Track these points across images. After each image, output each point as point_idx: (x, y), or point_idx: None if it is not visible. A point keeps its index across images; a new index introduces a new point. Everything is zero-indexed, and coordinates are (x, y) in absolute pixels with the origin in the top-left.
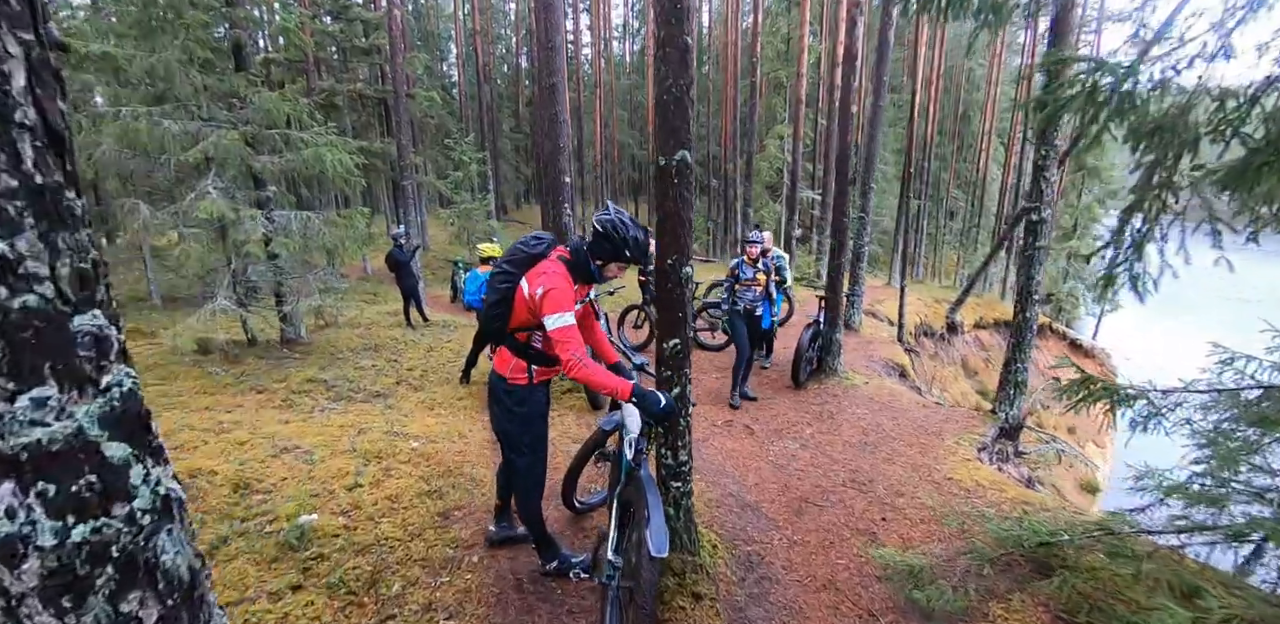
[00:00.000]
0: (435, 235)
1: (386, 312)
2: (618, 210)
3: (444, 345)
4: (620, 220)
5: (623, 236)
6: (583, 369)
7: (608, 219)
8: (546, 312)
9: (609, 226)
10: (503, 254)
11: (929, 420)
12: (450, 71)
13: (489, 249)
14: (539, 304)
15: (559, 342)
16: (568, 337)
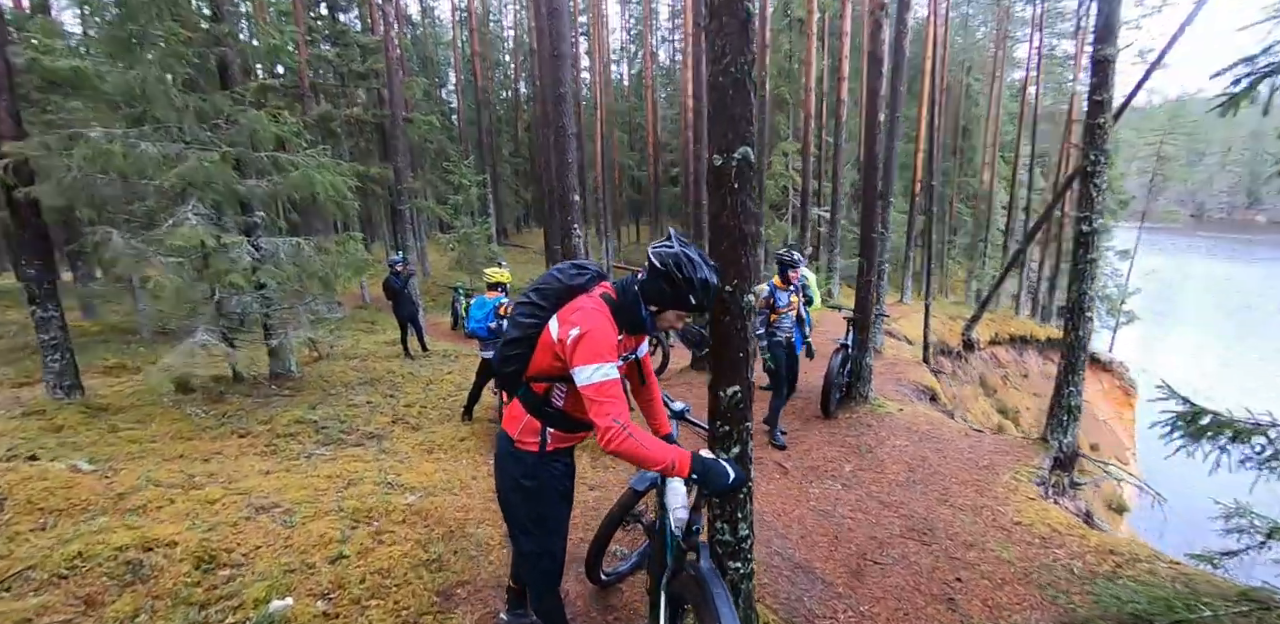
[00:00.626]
0: (435, 261)
1: (384, 341)
2: (683, 240)
3: (444, 378)
4: (687, 256)
5: (688, 277)
6: (627, 441)
7: (670, 253)
8: (579, 361)
9: (671, 264)
10: (532, 281)
11: (977, 451)
12: (449, 98)
13: (497, 274)
14: (570, 350)
15: (594, 402)
16: (607, 395)
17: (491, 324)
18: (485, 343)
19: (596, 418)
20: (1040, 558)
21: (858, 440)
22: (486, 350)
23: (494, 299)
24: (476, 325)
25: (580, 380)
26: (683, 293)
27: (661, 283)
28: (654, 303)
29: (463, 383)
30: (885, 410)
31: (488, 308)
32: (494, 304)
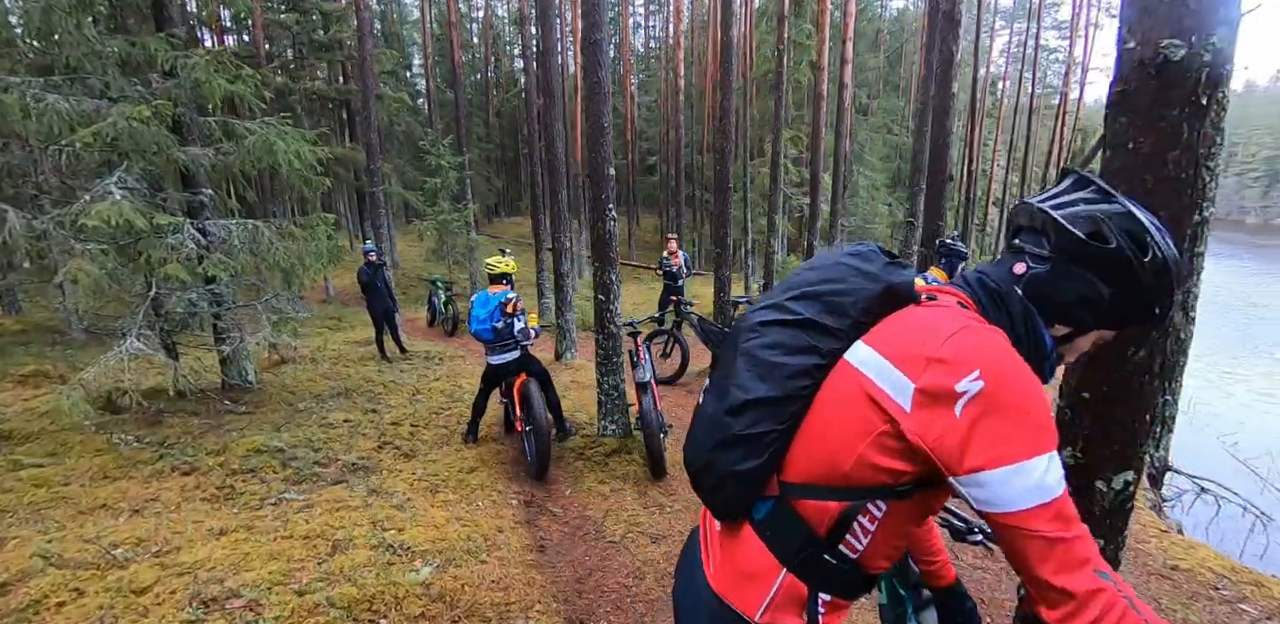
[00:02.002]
0: (403, 251)
1: (355, 341)
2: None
3: (431, 386)
4: (1152, 223)
5: (1162, 264)
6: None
7: (1121, 217)
8: (996, 452)
9: (1127, 239)
10: (784, 280)
11: None
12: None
13: (502, 264)
14: (963, 427)
15: (1046, 540)
16: (1068, 522)
17: (497, 324)
18: (491, 346)
19: (1058, 574)
20: (1232, 620)
21: None
22: (494, 355)
23: (498, 294)
24: (480, 327)
25: (1002, 497)
26: (1148, 294)
27: (1095, 278)
28: (1070, 318)
29: (454, 392)
30: None
31: (492, 305)
32: (498, 300)
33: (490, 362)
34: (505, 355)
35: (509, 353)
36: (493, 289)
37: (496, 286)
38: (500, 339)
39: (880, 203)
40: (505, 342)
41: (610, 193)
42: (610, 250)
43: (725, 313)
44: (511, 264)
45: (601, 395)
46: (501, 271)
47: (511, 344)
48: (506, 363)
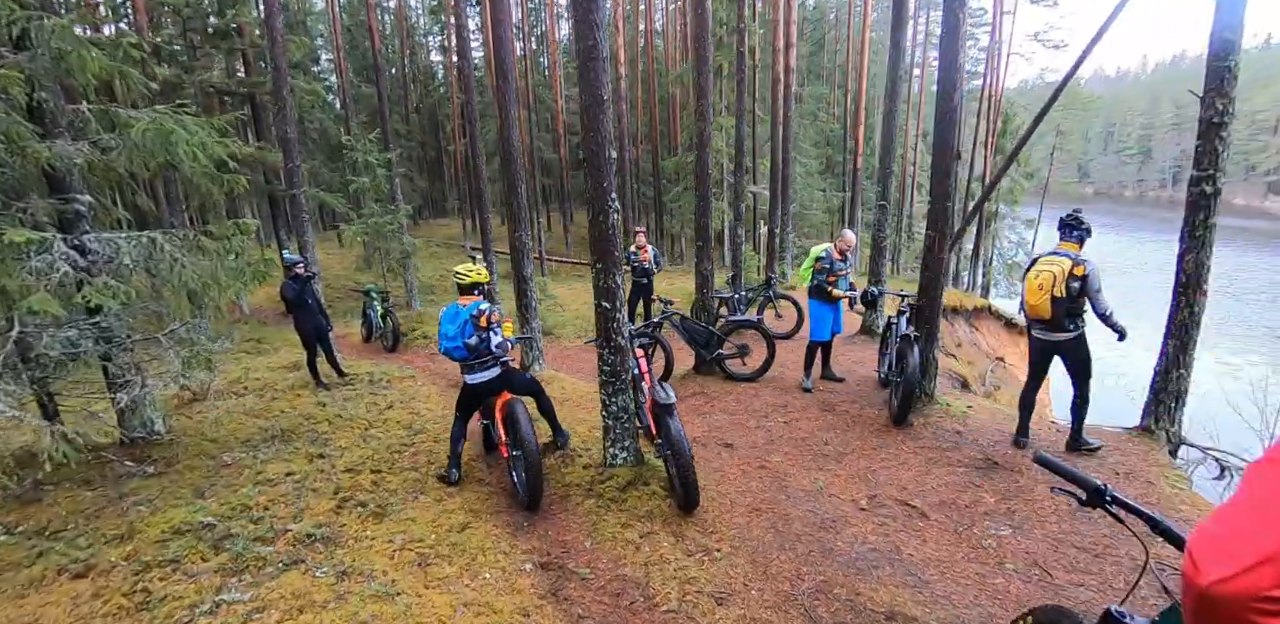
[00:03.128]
0: (324, 261)
1: (282, 366)
2: None
3: (385, 415)
4: None
5: None
6: None
7: None
8: None
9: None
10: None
11: (1099, 457)
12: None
13: (473, 272)
14: None
15: None
16: None
17: (471, 340)
18: (467, 365)
19: None
20: None
21: (970, 459)
22: (471, 374)
23: (470, 306)
24: (450, 344)
25: None
26: None
27: None
28: None
29: (414, 422)
30: (957, 410)
31: (462, 318)
32: (469, 313)
33: (467, 381)
34: (484, 374)
35: (487, 371)
36: (463, 301)
37: (467, 298)
38: (476, 356)
39: (815, 189)
40: (483, 358)
41: (611, 180)
42: (614, 248)
43: (709, 310)
44: (483, 273)
45: (609, 419)
46: (473, 281)
47: (490, 360)
48: (487, 381)
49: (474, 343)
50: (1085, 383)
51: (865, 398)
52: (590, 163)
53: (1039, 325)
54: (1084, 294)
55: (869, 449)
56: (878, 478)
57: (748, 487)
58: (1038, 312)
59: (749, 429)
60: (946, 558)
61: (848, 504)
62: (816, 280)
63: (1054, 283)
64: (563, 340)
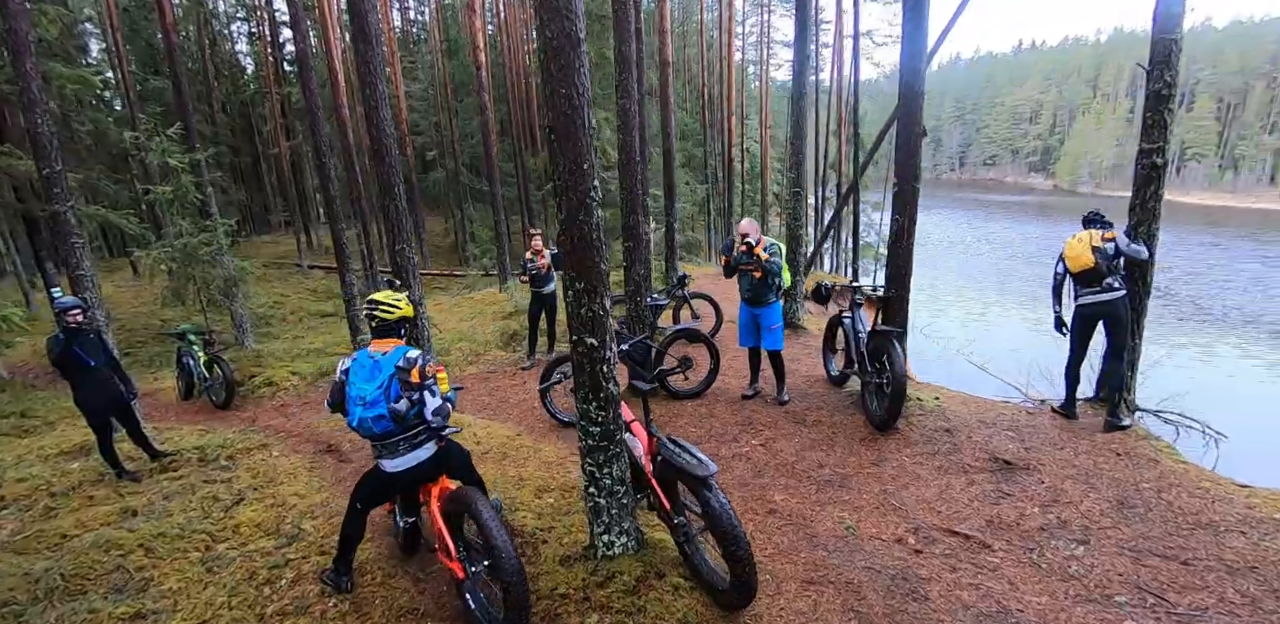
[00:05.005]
0: (113, 297)
1: (62, 451)
2: None
3: (233, 515)
4: None
5: None
6: None
7: None
8: None
9: None
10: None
11: (1086, 440)
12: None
13: (401, 304)
14: None
15: None
16: None
17: (399, 405)
18: (386, 444)
19: None
20: None
21: (979, 462)
22: (393, 457)
23: (393, 354)
24: (367, 414)
25: None
26: None
27: None
28: None
29: (281, 522)
30: (929, 404)
31: (385, 373)
32: (393, 364)
33: (386, 469)
34: (414, 455)
35: (418, 450)
36: (378, 346)
37: (385, 342)
38: (405, 429)
39: (681, 182)
40: (413, 433)
41: (590, 153)
42: (598, 258)
43: (644, 321)
44: (408, 304)
45: (599, 496)
46: (400, 316)
47: (423, 434)
48: (418, 466)
49: (403, 409)
50: (1122, 355)
51: (829, 402)
52: (557, 130)
53: (1086, 285)
54: (1119, 255)
55: (869, 465)
56: (902, 502)
57: (773, 545)
58: (1080, 261)
59: (726, 460)
60: (1055, 606)
61: (897, 547)
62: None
63: (1091, 238)
64: (451, 369)
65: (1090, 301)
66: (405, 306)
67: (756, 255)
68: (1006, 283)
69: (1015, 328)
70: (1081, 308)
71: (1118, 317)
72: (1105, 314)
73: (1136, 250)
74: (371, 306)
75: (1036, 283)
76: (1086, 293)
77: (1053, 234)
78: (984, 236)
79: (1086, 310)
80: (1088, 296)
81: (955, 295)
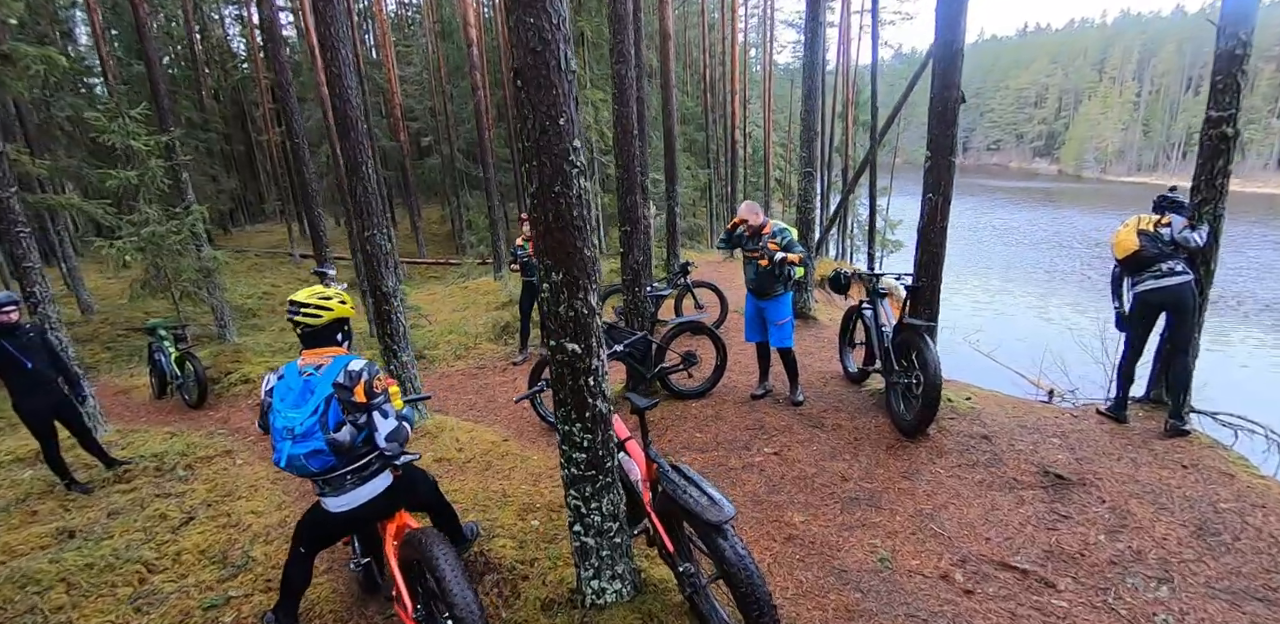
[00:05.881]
0: (99, 289)
1: (15, 458)
2: None
3: (177, 539)
4: None
5: None
6: None
7: None
8: None
9: None
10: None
11: (1148, 447)
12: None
13: (333, 303)
14: None
15: None
16: None
17: (341, 435)
18: (332, 481)
19: None
20: None
21: (1027, 476)
22: (336, 494)
23: (330, 368)
24: (298, 449)
25: None
26: None
27: None
28: None
29: (230, 548)
30: (960, 406)
31: (318, 395)
32: (330, 381)
33: (330, 509)
34: (363, 491)
35: (368, 483)
36: (310, 358)
37: (321, 352)
38: (348, 463)
39: (683, 167)
40: (361, 465)
41: (572, 109)
42: (581, 242)
43: (642, 312)
44: (347, 302)
45: (586, 536)
46: (334, 318)
47: (374, 466)
48: (368, 504)
49: (346, 439)
50: (1187, 349)
51: (849, 403)
52: (525, 75)
53: (1138, 271)
54: (1174, 242)
55: (900, 479)
56: (943, 527)
57: (795, 582)
58: (1124, 246)
59: (736, 472)
60: None
61: (943, 586)
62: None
63: (1138, 223)
64: (439, 364)
65: (1151, 287)
66: (338, 306)
67: (767, 247)
68: (1013, 270)
69: (1024, 316)
70: (1142, 295)
71: (1183, 305)
72: (1169, 302)
73: (1186, 237)
74: (293, 309)
75: (1044, 270)
76: (1145, 278)
77: (1060, 221)
78: (989, 223)
79: (1149, 297)
80: (1148, 282)
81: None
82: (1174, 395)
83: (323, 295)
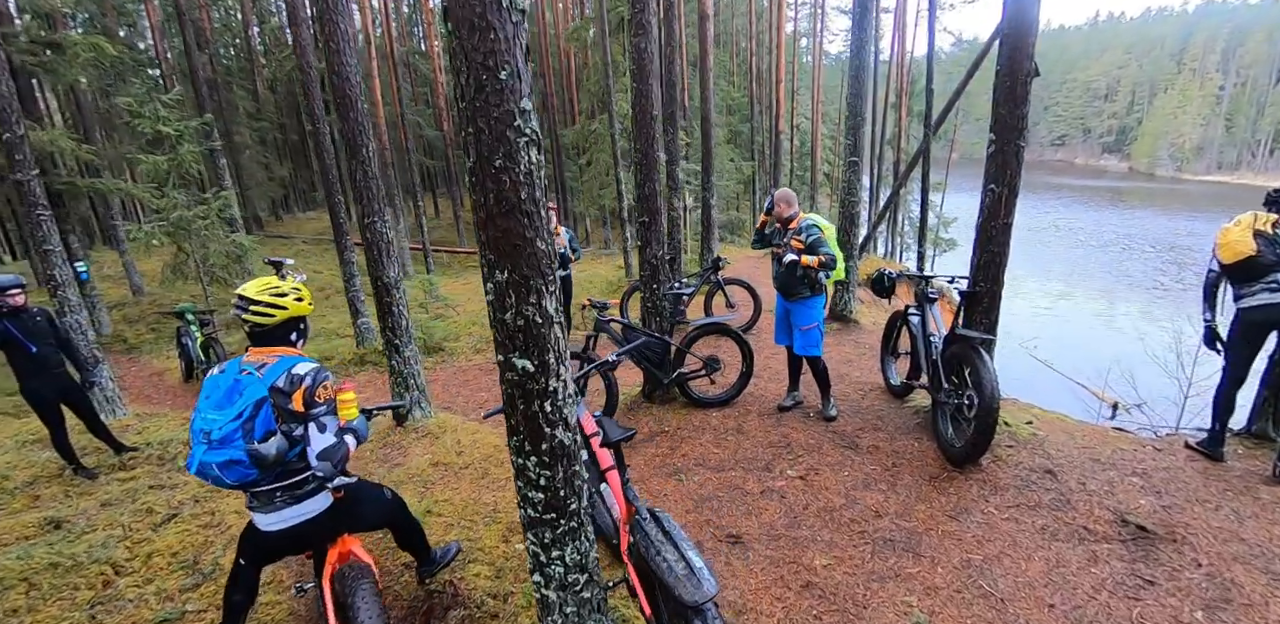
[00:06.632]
0: (150, 272)
1: (37, 438)
2: None
3: (154, 538)
4: None
5: None
6: None
7: None
8: None
9: None
10: None
11: (1250, 495)
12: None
13: (287, 299)
14: None
15: None
16: None
17: (266, 447)
18: (261, 495)
19: None
20: None
21: (1100, 523)
22: (267, 510)
23: (273, 367)
24: (214, 456)
25: None
26: None
27: None
28: None
29: (204, 551)
30: (1020, 430)
31: (248, 397)
32: (266, 385)
33: (258, 525)
34: (297, 511)
35: (305, 503)
36: (255, 356)
37: (267, 351)
38: (276, 478)
39: (725, 159)
40: (293, 482)
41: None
42: (532, 234)
43: (660, 312)
44: (302, 296)
45: (548, 588)
46: (289, 316)
47: (310, 485)
48: (304, 525)
49: (270, 453)
50: None
51: (889, 421)
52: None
53: (1247, 282)
54: None
55: (944, 519)
56: (995, 585)
57: None
58: (1235, 249)
59: (754, 498)
60: None
61: None
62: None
63: (1254, 221)
64: (458, 357)
65: (1265, 303)
66: (293, 303)
67: (790, 245)
68: (1077, 274)
69: (1089, 324)
70: (1247, 312)
71: None
72: None
73: None
74: (240, 306)
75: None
76: (1257, 290)
77: (1131, 222)
78: (1053, 222)
79: (1258, 315)
80: (1261, 295)
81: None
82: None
83: (276, 291)
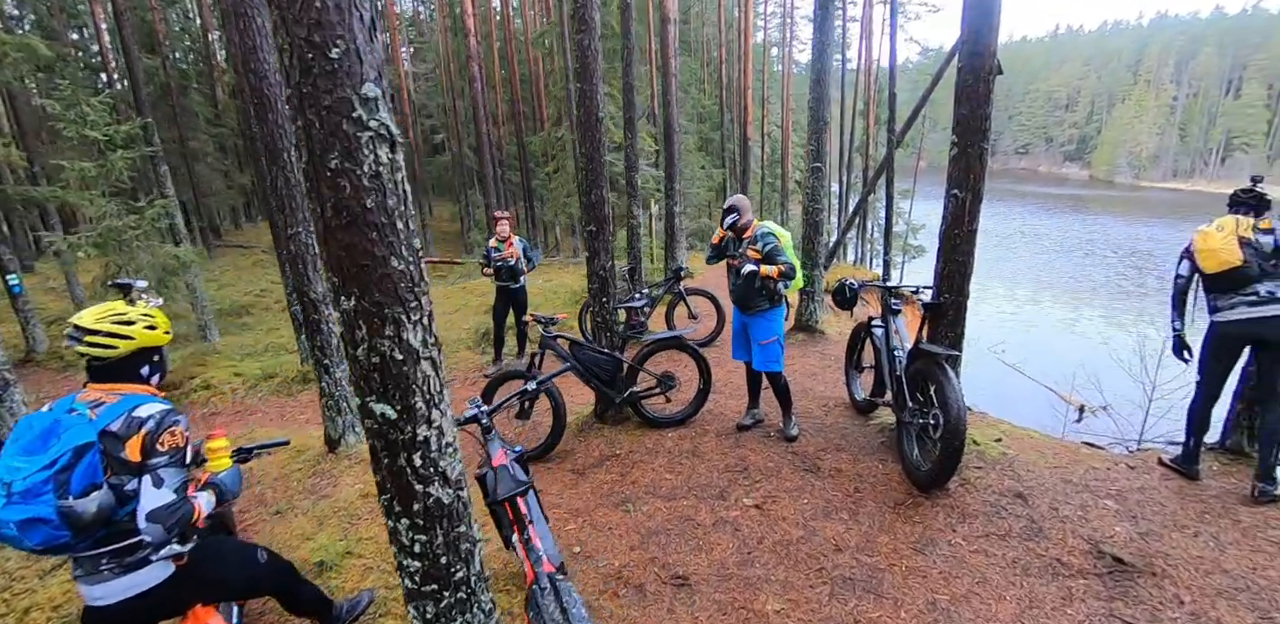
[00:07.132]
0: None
1: None
2: None
3: (22, 603)
4: None
5: None
6: None
7: None
8: None
9: None
10: None
11: (1230, 516)
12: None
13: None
14: None
15: None
16: None
17: (84, 504)
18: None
19: None
20: None
21: (1074, 554)
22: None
23: (112, 407)
24: (20, 513)
25: None
26: None
27: None
28: None
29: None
30: (989, 450)
31: (67, 442)
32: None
33: (86, 601)
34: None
35: (138, 573)
36: (93, 393)
37: (106, 387)
38: (99, 542)
39: (696, 166)
40: (120, 546)
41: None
42: (388, 252)
43: (610, 328)
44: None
45: None
46: (134, 347)
47: (142, 551)
48: (136, 600)
49: (88, 512)
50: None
51: (853, 440)
52: None
53: (1225, 292)
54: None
55: (909, 552)
56: None
57: None
58: (1220, 258)
59: (706, 531)
60: None
61: None
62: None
63: (1237, 227)
64: None
65: (1244, 317)
66: (142, 333)
67: (746, 255)
68: (1041, 279)
69: (1054, 329)
70: (1224, 327)
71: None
72: (1261, 336)
73: None
74: (73, 336)
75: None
76: (1236, 303)
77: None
78: (1018, 229)
79: (1232, 329)
80: (1240, 308)
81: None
82: (1264, 452)
83: (120, 318)
